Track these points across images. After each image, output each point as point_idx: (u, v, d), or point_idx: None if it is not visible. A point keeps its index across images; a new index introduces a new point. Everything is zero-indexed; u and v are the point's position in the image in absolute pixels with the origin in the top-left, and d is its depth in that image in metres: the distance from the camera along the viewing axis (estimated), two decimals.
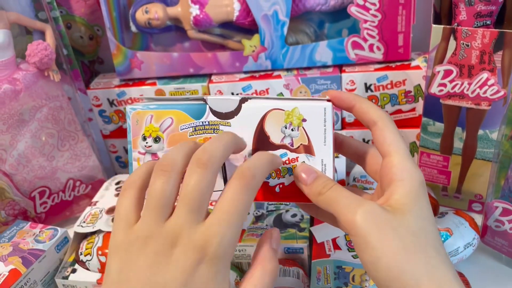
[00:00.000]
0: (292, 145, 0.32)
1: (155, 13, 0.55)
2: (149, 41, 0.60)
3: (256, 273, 0.28)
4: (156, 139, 0.34)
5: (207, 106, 0.33)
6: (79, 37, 0.64)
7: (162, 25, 0.57)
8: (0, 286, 0.42)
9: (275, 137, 0.32)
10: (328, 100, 0.32)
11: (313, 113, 0.32)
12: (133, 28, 0.58)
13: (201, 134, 0.33)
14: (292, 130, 0.32)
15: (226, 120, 0.33)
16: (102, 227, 0.48)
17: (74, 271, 0.46)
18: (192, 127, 0.33)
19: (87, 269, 0.47)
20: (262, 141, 0.33)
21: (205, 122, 0.33)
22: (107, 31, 0.56)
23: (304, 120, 0.32)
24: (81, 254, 0.47)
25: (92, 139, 0.61)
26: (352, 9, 0.52)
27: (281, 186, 0.33)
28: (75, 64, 0.58)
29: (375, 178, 0.33)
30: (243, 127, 0.33)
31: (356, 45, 0.53)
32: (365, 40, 0.53)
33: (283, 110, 0.32)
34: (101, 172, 0.61)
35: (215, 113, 0.33)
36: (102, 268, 0.46)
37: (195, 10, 0.55)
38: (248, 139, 0.33)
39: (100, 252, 0.46)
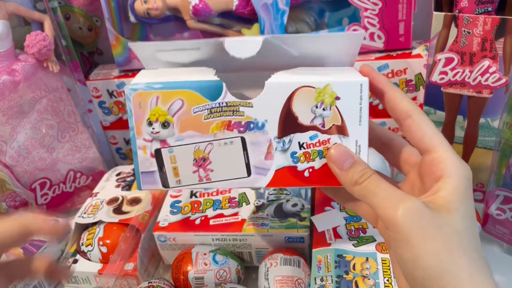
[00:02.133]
0: (323, 125, 0.29)
1: (154, 3, 0.55)
2: (148, 31, 0.60)
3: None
4: (165, 124, 0.30)
5: (224, 85, 0.29)
6: (78, 28, 0.63)
7: (161, 15, 0.56)
8: None
9: (304, 118, 0.29)
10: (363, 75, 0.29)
11: (348, 90, 0.29)
12: (132, 19, 0.57)
13: (218, 117, 0.29)
14: (323, 109, 0.29)
15: (247, 100, 0.29)
16: (103, 217, 0.48)
17: (75, 261, 0.47)
18: (208, 109, 0.29)
19: (89, 259, 0.47)
20: (289, 123, 0.29)
21: (222, 103, 0.29)
22: (106, 22, 0.56)
23: (337, 98, 0.29)
24: (82, 244, 0.47)
25: (92, 131, 0.61)
26: None
27: (310, 170, 0.30)
28: (74, 55, 0.58)
29: (402, 169, 0.32)
30: (267, 108, 0.29)
31: None
32: (366, 28, 0.53)
33: (314, 88, 0.29)
34: (101, 164, 0.61)
35: (234, 92, 0.29)
36: (103, 258, 0.46)
37: None
38: (274, 120, 0.29)
39: (101, 243, 0.46)
